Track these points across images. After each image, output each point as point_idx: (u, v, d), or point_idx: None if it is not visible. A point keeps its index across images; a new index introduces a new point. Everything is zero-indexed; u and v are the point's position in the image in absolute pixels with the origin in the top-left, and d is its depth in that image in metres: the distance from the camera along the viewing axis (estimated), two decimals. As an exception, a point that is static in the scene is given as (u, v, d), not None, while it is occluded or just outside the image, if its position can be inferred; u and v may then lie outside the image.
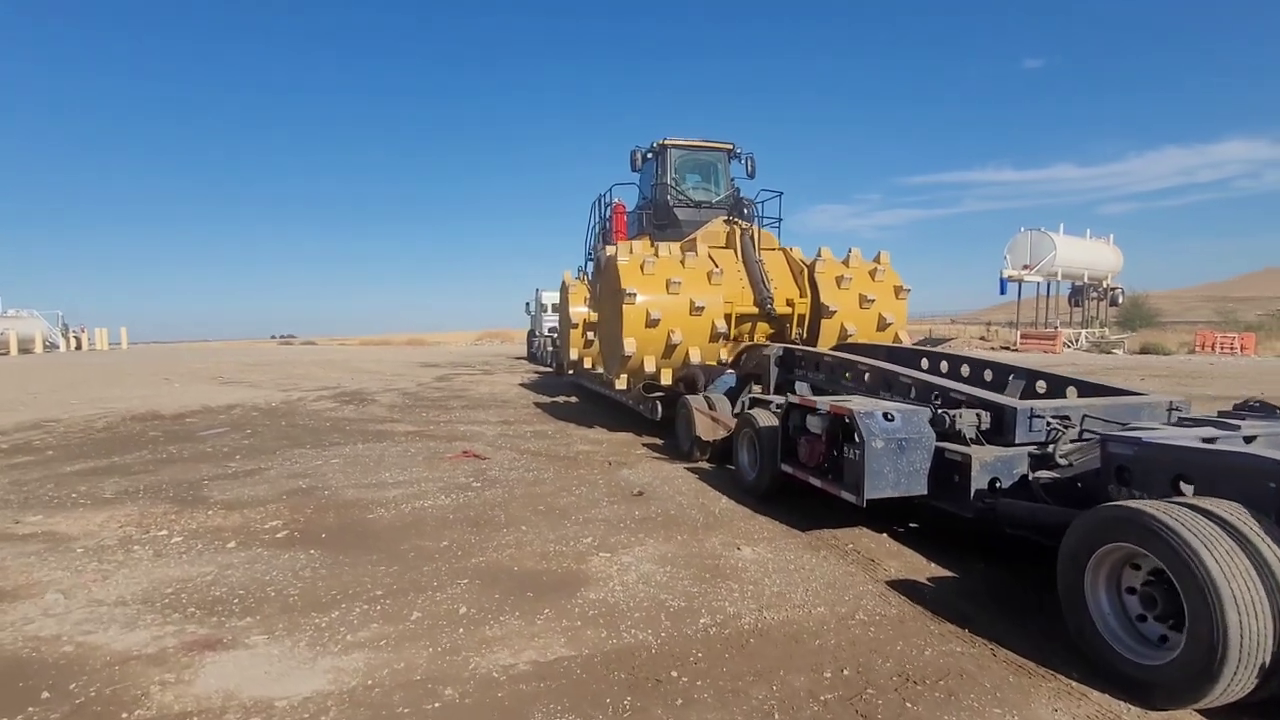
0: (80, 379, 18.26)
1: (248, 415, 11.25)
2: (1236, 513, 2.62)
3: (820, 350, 7.24)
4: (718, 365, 8.51)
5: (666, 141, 11.74)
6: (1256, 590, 2.41)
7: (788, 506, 5.44)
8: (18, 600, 3.71)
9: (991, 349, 30.61)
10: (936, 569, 4.16)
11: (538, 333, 25.61)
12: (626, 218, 12.70)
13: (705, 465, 7.21)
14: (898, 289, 9.55)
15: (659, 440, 8.71)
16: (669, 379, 8.69)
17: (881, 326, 9.34)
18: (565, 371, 14.97)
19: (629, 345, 8.33)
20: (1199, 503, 2.72)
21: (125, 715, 2.62)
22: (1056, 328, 34.07)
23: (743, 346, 8.73)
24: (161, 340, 61.25)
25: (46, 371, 21.47)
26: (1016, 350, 29.85)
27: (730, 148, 12.22)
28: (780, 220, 11.29)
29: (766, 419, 5.84)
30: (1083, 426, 4.29)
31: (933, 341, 28.83)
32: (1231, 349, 28.05)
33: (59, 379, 18.40)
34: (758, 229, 10.01)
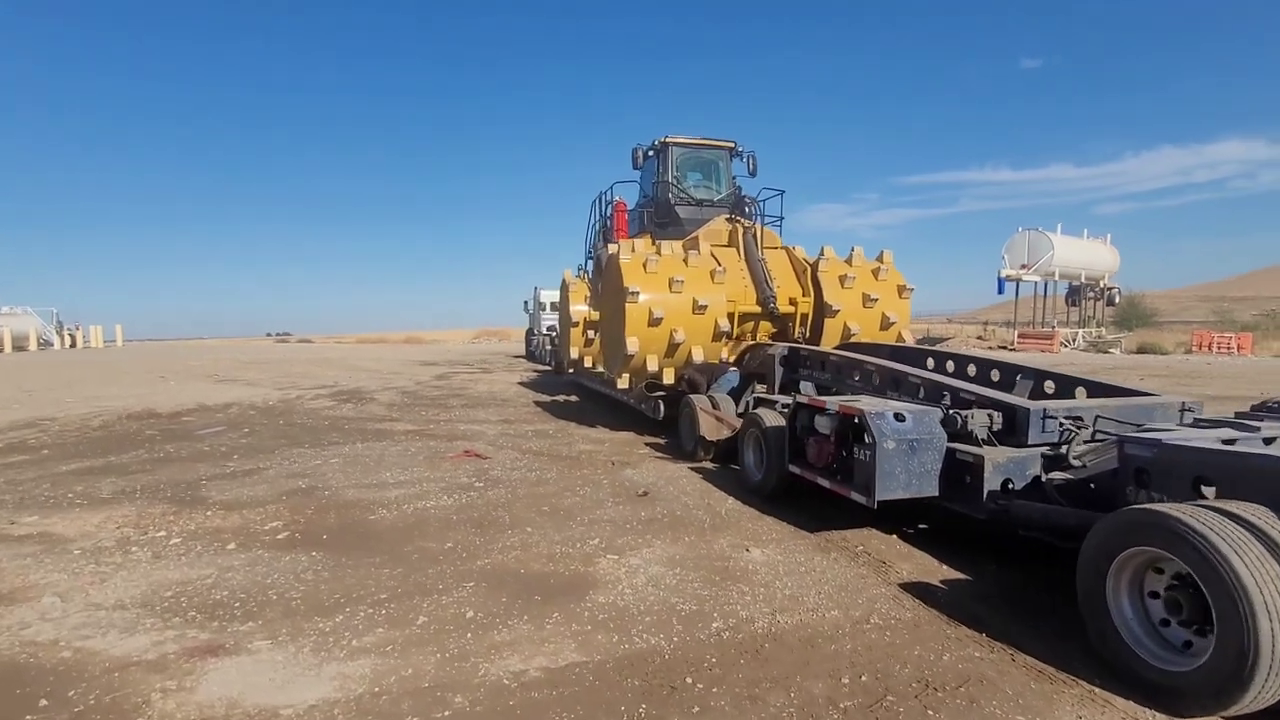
0: (75, 377, 18.13)
1: (245, 414, 11.15)
2: (1264, 516, 2.57)
3: (826, 349, 7.18)
4: (721, 363, 8.46)
5: (668, 139, 11.66)
6: (1287, 596, 2.36)
7: (794, 507, 5.38)
8: (14, 604, 3.63)
9: (989, 348, 30.61)
10: (949, 571, 4.11)
11: (536, 331, 25.52)
12: (627, 216, 12.63)
13: (709, 465, 7.15)
14: (901, 288, 9.51)
15: (661, 440, 8.65)
16: (671, 378, 8.63)
17: (885, 326, 9.29)
18: (565, 370, 14.90)
19: (631, 344, 8.26)
20: (1225, 506, 2.67)
21: (126, 724, 2.55)
22: (1054, 327, 34.10)
23: (746, 345, 8.67)
24: (157, 338, 61.00)
25: (41, 369, 21.32)
26: (1014, 350, 29.86)
27: (732, 146, 12.16)
28: (782, 218, 11.24)
29: (773, 419, 5.78)
30: (1095, 427, 4.24)
31: (930, 341, 28.83)
32: (1228, 349, 28.11)
33: (54, 377, 18.26)
34: (760, 227, 9.94)
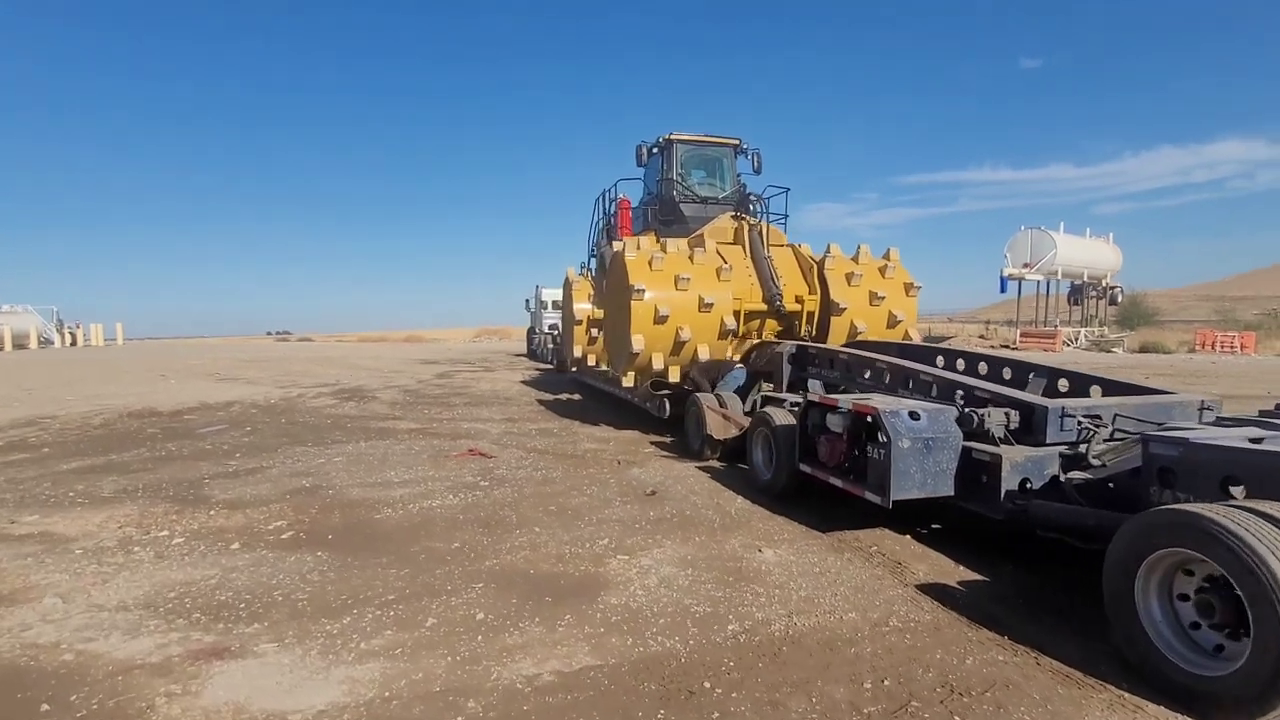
0: (76, 375, 18.07)
1: (247, 412, 11.09)
2: (1300, 517, 2.50)
3: (835, 347, 7.11)
4: (727, 361, 8.38)
5: (673, 136, 11.58)
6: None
7: (804, 506, 5.31)
8: (14, 605, 3.56)
9: (991, 348, 30.53)
10: (965, 572, 4.03)
11: (538, 330, 25.45)
12: (631, 213, 12.55)
13: (716, 464, 7.08)
14: (908, 286, 9.44)
15: (666, 438, 8.58)
16: (677, 376, 8.56)
17: (891, 324, 9.22)
18: (568, 369, 14.83)
19: (637, 342, 8.19)
20: (1258, 506, 2.59)
21: (130, 730, 2.48)
22: (1056, 326, 34.02)
23: (753, 343, 8.60)
24: (157, 336, 60.92)
25: (41, 368, 21.26)
26: (1016, 349, 29.77)
27: (737, 143, 12.08)
28: (787, 216, 11.17)
29: (783, 417, 5.71)
30: (1114, 426, 4.17)
31: (933, 340, 28.71)
32: (1232, 348, 28.04)
33: (54, 375, 18.20)
34: (766, 225, 9.87)
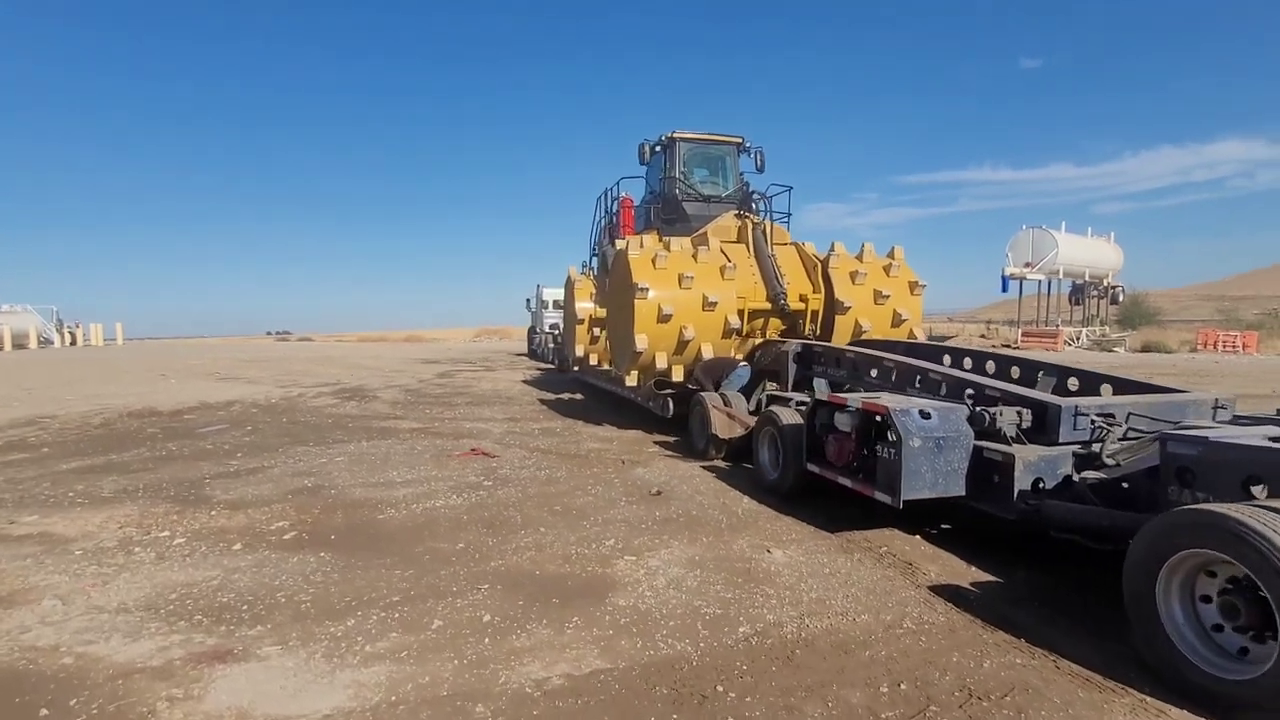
0: (75, 375, 18.02)
1: (247, 412, 11.03)
2: (1327, 517, 2.44)
3: (842, 346, 7.05)
4: (731, 358, 8.32)
5: (675, 135, 11.53)
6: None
7: (811, 506, 5.26)
8: (13, 607, 3.51)
9: (992, 347, 30.45)
10: (978, 573, 3.98)
11: (539, 329, 25.38)
12: (634, 212, 12.50)
13: (721, 463, 7.03)
14: (913, 284, 9.39)
15: (670, 438, 8.53)
16: (681, 375, 8.50)
17: (896, 322, 9.17)
18: (570, 368, 14.77)
19: (640, 341, 8.14)
20: (1284, 506, 2.54)
21: (131, 735, 2.43)
22: (1058, 326, 33.95)
23: (758, 342, 8.54)
24: (157, 336, 60.80)
25: (41, 367, 21.20)
26: (1017, 349, 29.72)
27: (740, 141, 12.03)
28: (790, 215, 11.12)
29: (790, 416, 5.65)
30: (1128, 425, 4.12)
31: (935, 339, 28.62)
32: (1234, 347, 27.97)
33: (54, 375, 18.15)
34: (770, 223, 9.82)
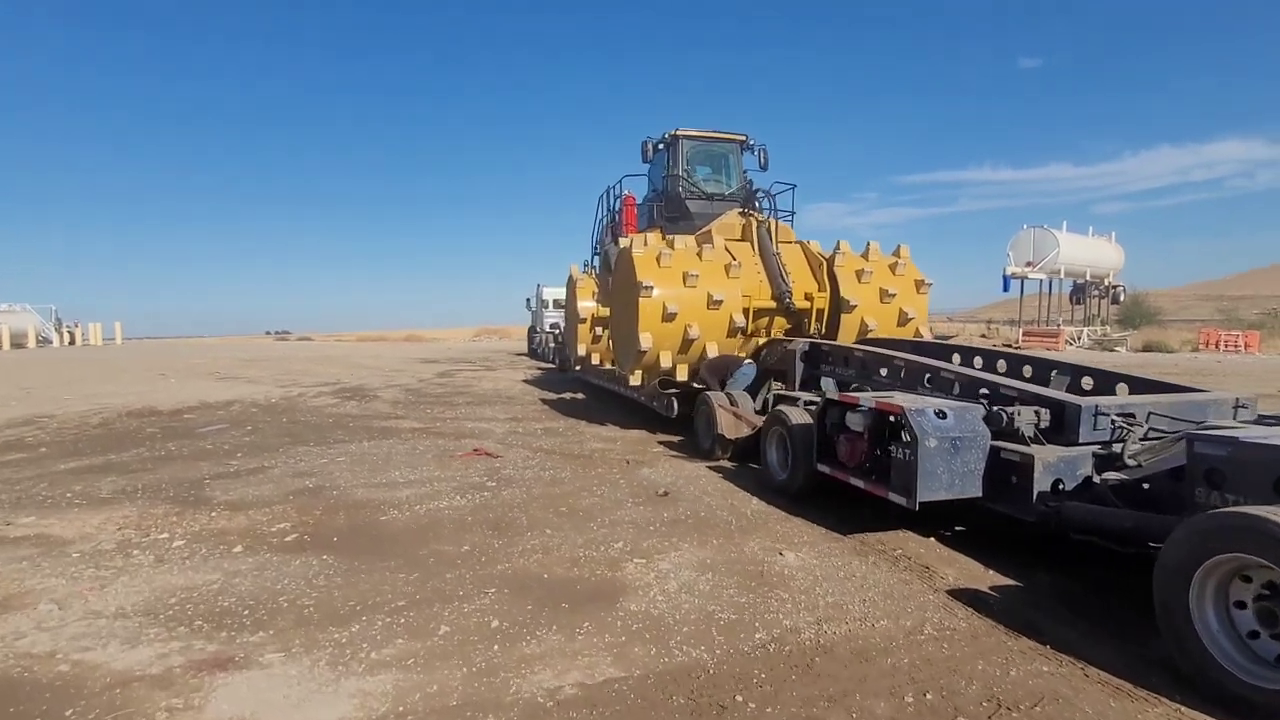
0: (74, 374, 17.91)
1: (247, 411, 10.93)
2: (1370, 521, 2.36)
3: (850, 344, 6.96)
4: (735, 357, 8.23)
5: (678, 132, 11.42)
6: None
7: (820, 507, 5.17)
8: (8, 611, 3.41)
9: (993, 346, 30.34)
10: (996, 576, 3.89)
11: (539, 329, 25.28)
12: (636, 210, 12.41)
13: (727, 464, 6.94)
14: (919, 283, 9.31)
15: (674, 437, 8.44)
16: (685, 375, 8.42)
17: (902, 321, 9.09)
18: (571, 368, 14.67)
19: (645, 340, 8.05)
20: (1323, 509, 2.45)
21: (129, 747, 2.34)
22: (1059, 325, 33.86)
23: (764, 341, 8.45)
24: (156, 336, 60.62)
25: (40, 367, 21.09)
26: (1018, 348, 29.65)
27: (743, 139, 11.92)
28: (793, 213, 11.02)
29: (799, 416, 5.56)
30: (1149, 425, 4.03)
31: (938, 339, 28.53)
32: (1236, 347, 27.89)
33: (52, 374, 18.04)
34: (775, 221, 9.73)
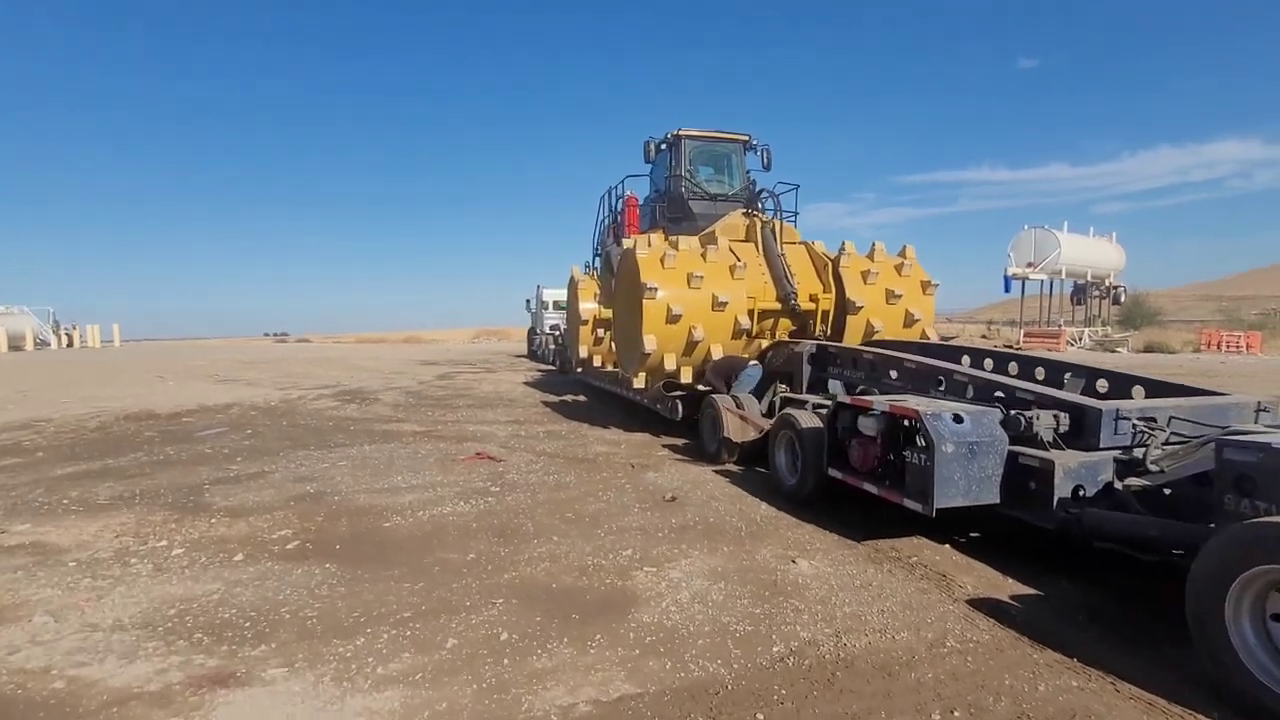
0: (72, 377, 17.78)
1: (247, 414, 10.82)
2: None
3: (859, 347, 6.87)
4: (739, 358, 8.14)
5: (681, 132, 11.33)
6: None
7: (831, 513, 5.08)
8: (2, 624, 3.32)
9: (994, 347, 30.28)
10: (1016, 585, 3.80)
11: (539, 330, 25.18)
12: (638, 211, 12.33)
13: (733, 467, 6.85)
14: (924, 284, 9.23)
15: (678, 440, 8.35)
16: (690, 377, 8.33)
17: (909, 323, 9.01)
18: (573, 370, 14.56)
19: (649, 342, 7.97)
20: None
21: (126, 770, 2.24)
22: (1060, 326, 33.81)
23: (769, 343, 8.36)
24: (154, 337, 60.42)
25: (37, 369, 20.96)
26: (1020, 349, 29.58)
27: (746, 139, 11.83)
28: (797, 213, 10.93)
29: (808, 420, 5.47)
30: (1170, 429, 3.95)
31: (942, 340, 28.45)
32: (1238, 348, 27.83)
33: (50, 377, 17.91)
34: (779, 222, 9.64)
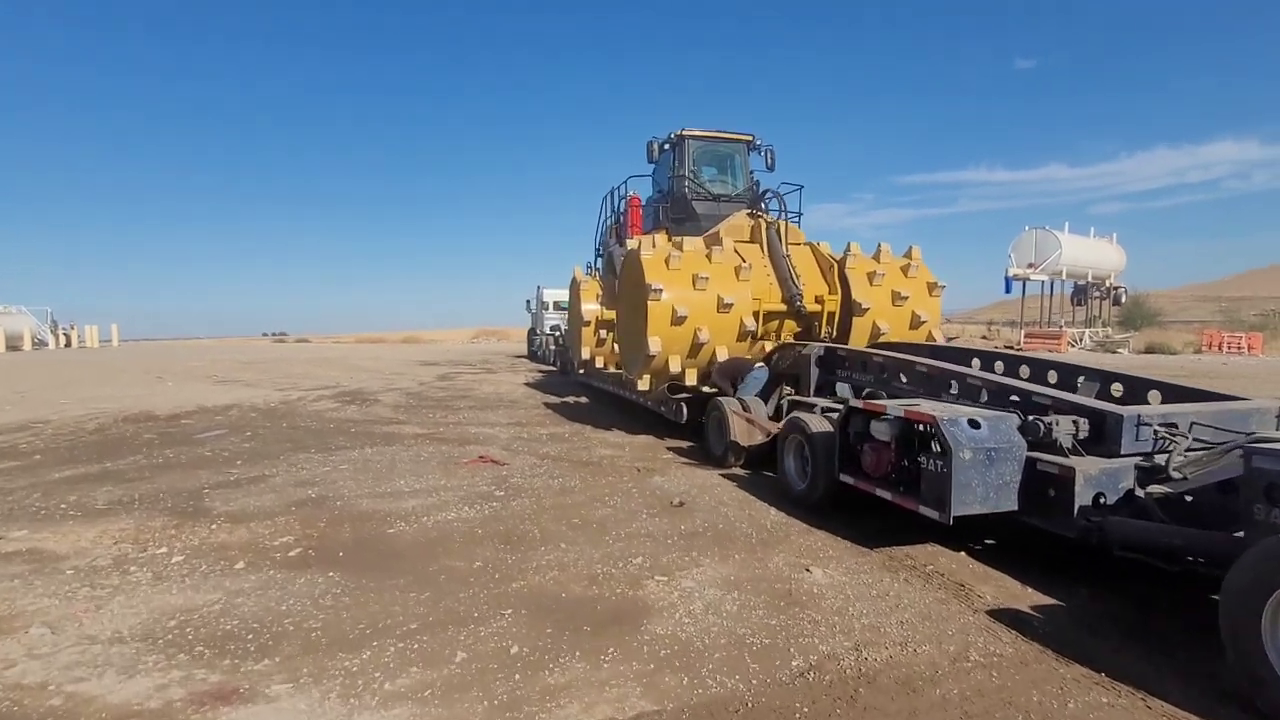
0: (70, 377, 17.67)
1: (246, 416, 10.73)
2: None
3: (868, 349, 6.78)
4: (744, 359, 8.06)
5: (685, 132, 11.25)
6: None
7: (841, 518, 5.01)
8: (-2, 636, 3.23)
9: (994, 348, 30.21)
10: (1036, 595, 3.72)
11: (539, 331, 25.11)
12: (642, 211, 12.24)
13: (740, 471, 6.77)
14: (931, 285, 9.16)
15: (683, 443, 8.27)
16: (695, 379, 8.25)
17: (915, 325, 8.93)
18: (575, 371, 14.48)
19: (653, 344, 7.89)
20: None
21: (126, 794, 2.16)
22: (1061, 327, 33.76)
23: (776, 345, 8.28)
24: (153, 337, 60.22)
25: (35, 369, 20.84)
26: (1020, 350, 29.52)
27: (750, 139, 11.75)
28: (800, 214, 10.85)
29: (819, 424, 5.39)
30: (1192, 435, 3.87)
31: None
32: (1239, 349, 27.79)
33: (48, 377, 17.80)
34: (784, 223, 9.57)
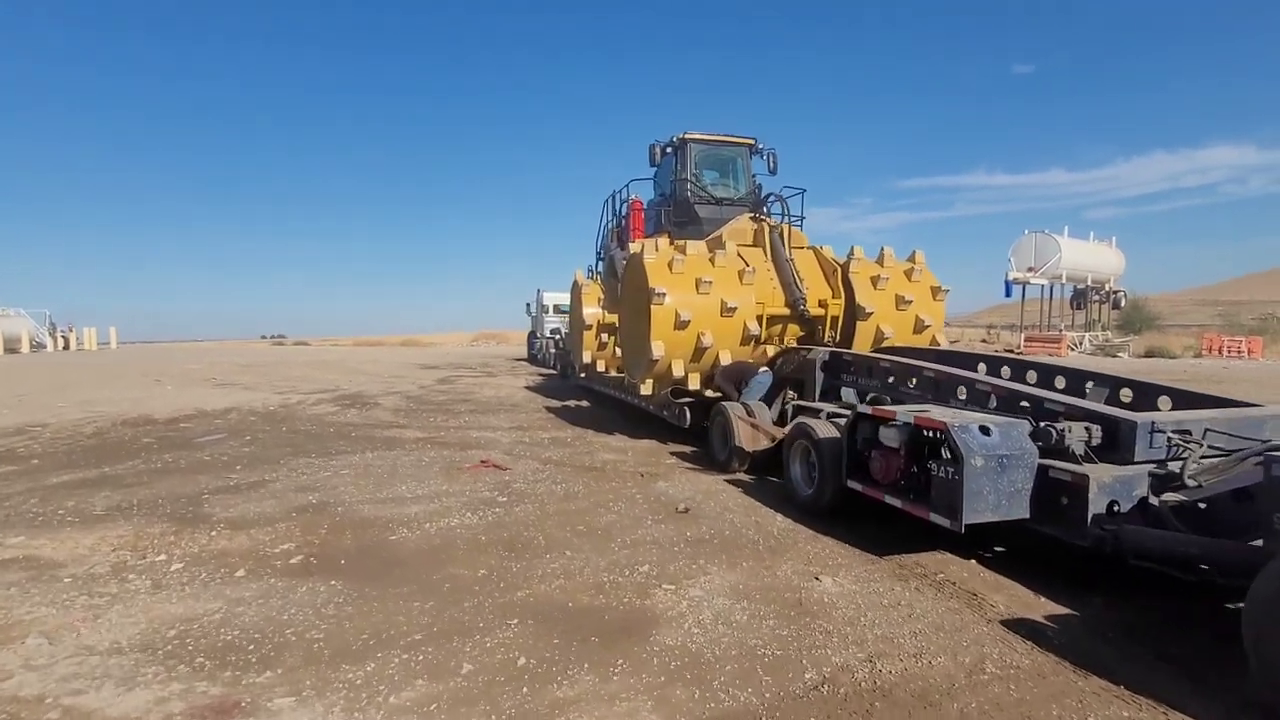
0: (68, 380, 17.60)
1: (245, 420, 10.67)
2: None
3: (875, 354, 6.74)
4: (747, 363, 8.01)
5: (687, 135, 11.22)
6: None
7: (849, 525, 4.95)
8: (-6, 647, 3.17)
9: (994, 351, 30.22)
10: (1049, 604, 3.67)
11: (539, 334, 25.07)
12: (643, 215, 12.21)
13: (744, 477, 6.71)
14: (935, 289, 9.11)
15: (686, 448, 8.22)
16: (698, 384, 8.20)
17: (919, 329, 8.89)
18: (575, 375, 14.43)
19: (657, 348, 7.83)
20: None
21: (125, 813, 2.10)
22: (1061, 331, 33.75)
23: (780, 349, 8.23)
24: (151, 340, 60.15)
25: (33, 372, 20.77)
26: (1020, 353, 29.48)
27: (752, 142, 11.73)
28: (803, 218, 10.81)
29: (825, 430, 5.34)
30: (1206, 442, 3.82)
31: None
32: (1239, 353, 27.78)
33: (46, 380, 17.73)
34: (788, 226, 9.53)
